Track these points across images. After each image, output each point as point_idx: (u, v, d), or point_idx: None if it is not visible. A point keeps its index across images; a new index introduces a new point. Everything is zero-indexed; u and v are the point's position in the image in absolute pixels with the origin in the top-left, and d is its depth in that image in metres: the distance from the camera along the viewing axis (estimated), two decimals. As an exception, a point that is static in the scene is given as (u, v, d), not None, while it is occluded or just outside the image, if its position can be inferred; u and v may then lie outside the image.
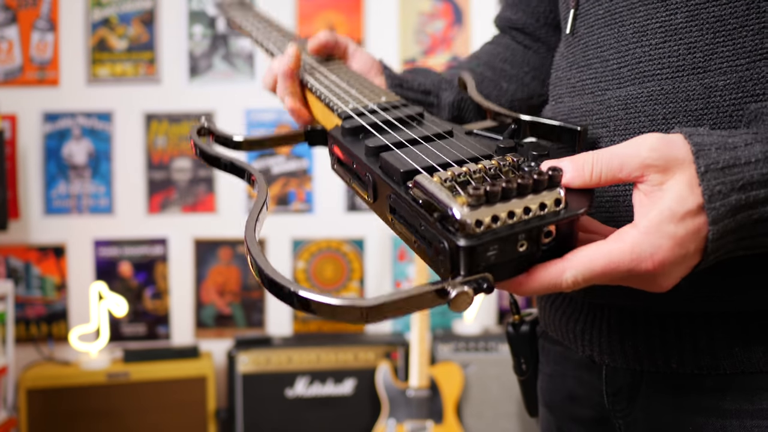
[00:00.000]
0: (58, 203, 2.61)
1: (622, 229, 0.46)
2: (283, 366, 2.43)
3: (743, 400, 0.57)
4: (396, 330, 2.74)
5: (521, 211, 0.44)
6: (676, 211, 0.45)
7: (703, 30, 0.56)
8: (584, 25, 0.66)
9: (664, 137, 0.47)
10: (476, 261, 0.43)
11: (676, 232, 0.45)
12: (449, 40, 2.76)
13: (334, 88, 0.71)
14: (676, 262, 0.45)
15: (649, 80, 0.59)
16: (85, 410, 2.31)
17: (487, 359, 2.43)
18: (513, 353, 0.80)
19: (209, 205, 2.68)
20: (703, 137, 0.47)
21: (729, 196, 0.45)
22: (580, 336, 0.67)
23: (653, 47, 0.59)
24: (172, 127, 2.65)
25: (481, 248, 0.42)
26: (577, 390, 0.72)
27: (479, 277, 0.43)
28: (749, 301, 0.56)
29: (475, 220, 0.42)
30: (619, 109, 0.61)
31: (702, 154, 0.46)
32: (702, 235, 0.46)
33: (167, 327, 2.66)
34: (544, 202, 0.44)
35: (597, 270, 0.45)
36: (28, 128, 2.59)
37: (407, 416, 2.33)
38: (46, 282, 2.60)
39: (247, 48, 2.68)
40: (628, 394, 0.65)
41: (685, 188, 0.45)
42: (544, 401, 0.79)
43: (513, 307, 0.80)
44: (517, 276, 0.46)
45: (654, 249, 0.45)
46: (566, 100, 0.68)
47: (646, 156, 0.46)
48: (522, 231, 0.43)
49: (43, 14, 2.58)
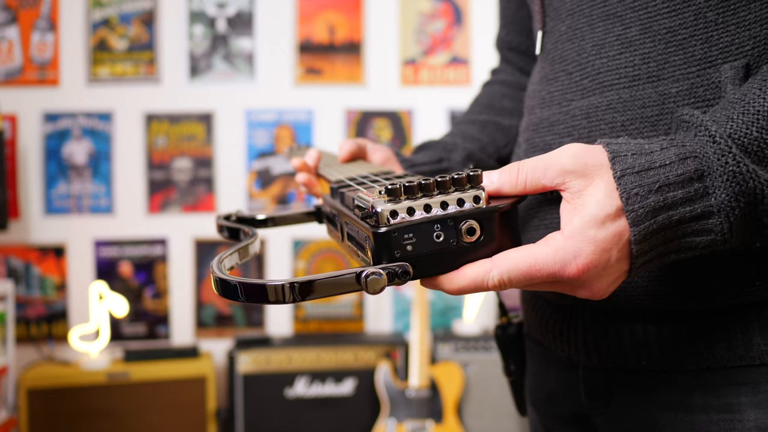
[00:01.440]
0: (58, 203, 2.61)
1: (549, 235, 0.48)
2: (283, 366, 2.43)
3: (710, 395, 0.59)
4: (396, 330, 2.74)
5: (438, 205, 0.47)
6: (597, 216, 0.46)
7: (655, 41, 0.59)
8: (550, 42, 0.70)
9: (585, 147, 0.49)
10: (391, 247, 0.46)
11: (597, 236, 0.46)
12: (449, 40, 2.76)
13: (336, 169, 0.76)
14: (600, 265, 0.47)
15: (608, 90, 0.62)
16: (85, 410, 2.31)
17: (487, 359, 2.44)
18: (502, 354, 0.83)
19: (209, 205, 2.68)
20: (620, 145, 0.49)
21: (647, 198, 0.47)
22: (558, 336, 0.70)
23: (611, 59, 0.62)
24: (172, 127, 2.66)
25: (394, 235, 0.45)
26: (558, 389, 0.75)
27: (397, 265, 0.46)
28: (711, 300, 0.58)
29: (390, 211, 0.46)
30: (582, 118, 0.64)
31: (618, 159, 0.48)
32: (625, 238, 0.47)
33: (167, 327, 2.66)
34: (463, 198, 0.47)
35: (521, 271, 0.47)
36: (29, 128, 2.59)
37: (407, 416, 2.33)
38: (46, 282, 2.60)
39: (247, 48, 2.68)
40: (604, 392, 0.67)
41: (604, 193, 0.47)
42: (530, 400, 0.82)
43: (500, 309, 0.83)
44: (448, 273, 0.48)
45: (576, 252, 0.46)
46: (537, 112, 0.71)
47: (566, 163, 0.48)
48: (436, 222, 0.46)
49: (43, 14, 2.59)
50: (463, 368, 2.40)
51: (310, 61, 2.71)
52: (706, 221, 0.48)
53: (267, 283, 0.44)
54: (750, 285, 0.56)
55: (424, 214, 0.47)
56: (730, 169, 0.47)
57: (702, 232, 0.48)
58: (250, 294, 0.45)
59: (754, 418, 0.57)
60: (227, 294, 0.46)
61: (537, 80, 0.73)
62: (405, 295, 2.74)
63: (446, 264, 0.48)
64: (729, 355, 0.58)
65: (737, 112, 0.49)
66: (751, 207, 0.48)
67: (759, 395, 0.57)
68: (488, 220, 0.48)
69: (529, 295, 0.78)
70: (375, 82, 2.74)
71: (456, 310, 2.75)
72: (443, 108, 2.75)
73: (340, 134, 2.73)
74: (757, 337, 0.57)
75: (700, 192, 0.47)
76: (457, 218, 0.47)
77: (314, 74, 2.72)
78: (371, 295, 0.45)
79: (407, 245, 0.46)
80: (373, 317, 2.75)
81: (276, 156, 2.71)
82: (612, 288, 0.49)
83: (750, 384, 0.58)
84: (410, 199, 0.47)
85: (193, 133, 2.67)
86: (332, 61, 2.72)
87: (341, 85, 2.72)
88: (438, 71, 2.75)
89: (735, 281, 0.57)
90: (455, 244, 0.47)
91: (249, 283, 0.45)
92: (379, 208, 0.46)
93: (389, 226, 0.46)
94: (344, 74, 2.72)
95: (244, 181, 2.70)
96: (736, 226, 0.48)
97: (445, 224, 0.47)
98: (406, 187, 0.47)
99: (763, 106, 0.49)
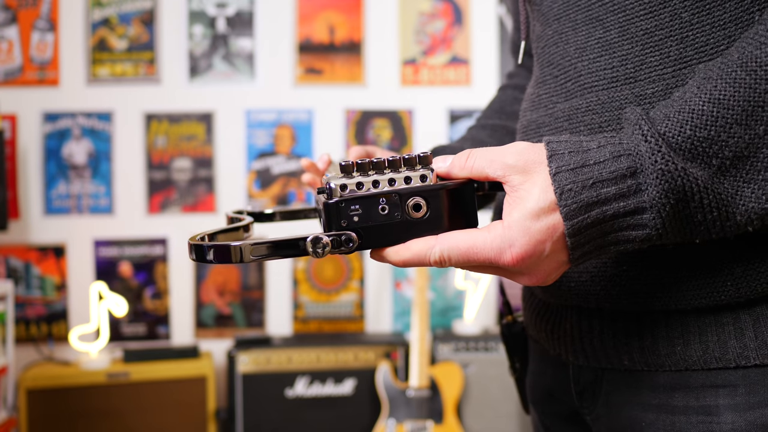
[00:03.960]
0: (58, 203, 2.61)
1: (492, 223, 0.51)
2: (283, 366, 2.43)
3: (690, 397, 0.60)
4: (396, 330, 2.74)
5: (386, 182, 0.51)
6: (532, 209, 0.50)
7: (633, 43, 0.60)
8: (540, 46, 0.71)
9: (529, 145, 0.52)
10: (337, 217, 0.51)
11: (531, 227, 0.49)
12: (449, 40, 2.76)
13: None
14: (535, 255, 0.50)
15: (588, 92, 0.63)
16: (85, 410, 2.31)
17: (487, 359, 2.44)
18: (507, 353, 0.85)
19: (209, 205, 2.68)
20: (560, 143, 0.52)
21: (580, 194, 0.49)
22: (551, 335, 0.72)
23: (591, 61, 0.63)
24: (172, 127, 2.65)
25: (341, 206, 0.51)
26: (555, 387, 0.76)
27: (342, 233, 0.51)
28: (686, 299, 0.59)
29: (340, 184, 0.51)
30: (564, 120, 0.66)
31: (555, 157, 0.50)
32: (559, 231, 0.50)
33: (167, 327, 2.66)
34: (410, 176, 0.52)
35: (461, 250, 0.50)
36: (28, 128, 2.59)
37: (407, 416, 2.33)
38: (46, 282, 2.60)
39: (247, 48, 2.68)
40: (592, 391, 0.69)
41: (541, 189, 0.50)
42: (530, 399, 0.83)
43: (506, 307, 0.84)
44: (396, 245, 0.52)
45: (512, 242, 0.50)
46: (527, 114, 0.73)
47: (509, 158, 0.51)
48: (381, 196, 0.51)
49: (43, 14, 2.58)
50: (463, 368, 2.40)
51: (310, 61, 2.71)
52: (640, 216, 0.50)
53: (231, 244, 0.50)
54: (721, 285, 0.58)
55: (372, 189, 0.51)
56: (659, 167, 0.48)
57: (637, 226, 0.50)
58: (217, 254, 0.50)
59: (731, 421, 0.58)
60: (200, 257, 0.51)
61: (531, 83, 0.75)
62: (405, 295, 2.74)
63: (394, 237, 0.52)
64: (705, 357, 0.59)
65: (674, 111, 0.51)
66: (683, 204, 0.49)
67: (736, 398, 0.58)
68: (434, 198, 0.51)
69: (527, 294, 0.79)
70: (375, 82, 2.74)
71: (456, 310, 2.75)
72: (443, 108, 2.75)
73: (340, 134, 2.73)
74: (733, 340, 0.58)
75: (633, 188, 0.49)
76: (402, 194, 0.51)
77: (314, 74, 2.71)
78: (315, 258, 0.49)
79: (353, 216, 0.51)
80: (373, 317, 2.75)
81: (276, 156, 2.71)
82: (553, 276, 0.52)
83: (728, 387, 0.58)
84: (363, 176, 0.51)
85: (193, 133, 2.67)
86: (332, 61, 2.72)
87: (341, 85, 2.72)
88: (438, 71, 2.75)
89: (706, 281, 0.58)
90: (399, 218, 0.51)
91: (217, 245, 0.51)
92: (332, 183, 0.51)
93: (337, 198, 0.51)
94: (344, 74, 2.72)
95: (244, 181, 2.70)
96: (668, 221, 0.50)
97: (390, 199, 0.51)
98: (359, 165, 0.51)
99: (697, 104, 0.50)
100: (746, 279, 0.57)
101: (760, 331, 0.58)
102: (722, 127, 0.50)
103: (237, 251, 0.50)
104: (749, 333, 0.58)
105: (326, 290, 2.73)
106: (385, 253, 0.52)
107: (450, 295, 2.75)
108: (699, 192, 0.49)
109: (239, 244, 0.50)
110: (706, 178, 0.49)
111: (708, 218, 0.50)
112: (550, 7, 0.69)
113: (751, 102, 0.49)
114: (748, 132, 0.49)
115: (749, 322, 0.58)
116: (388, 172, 0.52)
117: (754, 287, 0.57)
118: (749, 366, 0.58)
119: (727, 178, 0.50)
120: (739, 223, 0.51)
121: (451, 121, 2.75)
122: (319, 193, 0.53)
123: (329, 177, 0.52)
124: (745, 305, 0.58)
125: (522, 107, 0.76)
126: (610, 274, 0.62)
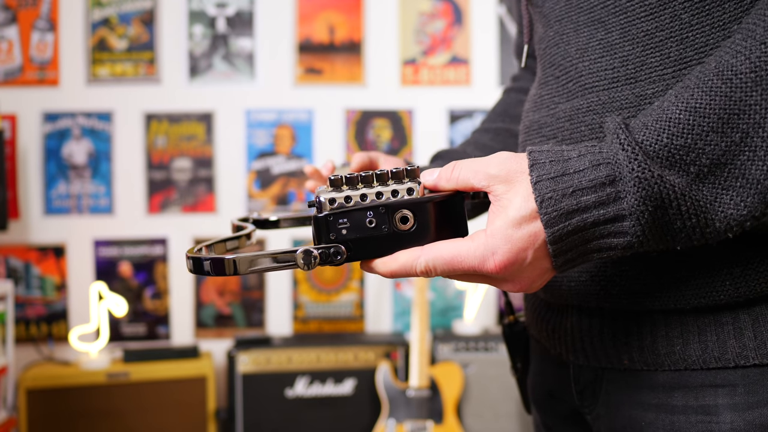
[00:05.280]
0: (58, 203, 2.61)
1: (476, 232, 0.52)
2: (283, 366, 2.43)
3: (690, 397, 0.60)
4: (396, 330, 2.74)
5: (374, 195, 0.52)
6: (514, 217, 0.50)
7: (634, 44, 0.61)
8: (542, 47, 0.72)
9: (512, 155, 0.53)
10: (326, 230, 0.52)
11: (513, 236, 0.50)
12: (449, 40, 2.76)
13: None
14: (517, 263, 0.51)
15: (589, 92, 0.64)
16: (85, 410, 2.31)
17: (487, 359, 2.43)
18: (509, 353, 0.85)
19: (209, 205, 2.68)
20: (542, 153, 0.52)
21: (560, 202, 0.50)
22: (552, 335, 0.72)
23: (592, 62, 0.64)
24: (172, 127, 2.65)
25: (330, 220, 0.52)
26: (556, 387, 0.76)
27: (331, 245, 0.52)
28: (686, 299, 0.59)
29: (329, 198, 0.52)
30: (565, 120, 0.66)
31: (536, 167, 0.51)
32: (541, 239, 0.51)
33: (167, 327, 2.66)
34: (397, 189, 0.52)
35: (445, 260, 0.51)
36: (28, 128, 2.59)
37: (407, 416, 2.33)
38: (46, 282, 2.60)
39: (247, 48, 2.68)
40: (592, 390, 0.69)
41: (522, 198, 0.51)
42: (532, 399, 0.84)
43: (508, 307, 0.85)
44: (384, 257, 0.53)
45: (494, 250, 0.50)
46: (530, 115, 0.74)
47: (493, 169, 0.52)
48: (368, 209, 0.52)
49: (43, 14, 2.58)
50: (463, 368, 2.40)
51: (309, 61, 2.71)
52: (620, 224, 0.50)
53: (225, 257, 0.52)
54: (720, 285, 0.58)
55: (360, 202, 0.52)
56: (635, 175, 0.49)
57: (618, 234, 0.51)
58: (213, 267, 0.52)
59: (730, 420, 0.58)
60: (197, 269, 0.53)
61: (534, 85, 0.75)
62: (405, 295, 2.74)
63: (382, 249, 0.53)
64: (704, 356, 0.59)
65: (652, 119, 0.52)
66: (661, 211, 0.50)
67: (735, 398, 0.58)
68: (421, 210, 0.52)
69: (529, 294, 0.79)
70: (375, 82, 2.74)
71: (456, 311, 2.75)
72: (443, 108, 2.75)
73: (340, 134, 2.73)
74: (732, 339, 0.58)
75: (613, 196, 0.50)
76: (389, 207, 0.52)
77: (314, 74, 2.71)
78: (305, 271, 0.51)
79: (342, 229, 0.52)
80: (373, 317, 2.75)
81: (276, 156, 2.71)
82: (538, 283, 0.53)
83: (727, 386, 0.59)
84: (351, 189, 0.52)
85: (192, 133, 2.67)
86: (332, 60, 2.72)
87: (341, 85, 2.72)
88: (438, 71, 2.75)
89: (706, 281, 0.58)
90: (387, 230, 0.52)
91: (213, 258, 0.52)
92: (321, 197, 0.52)
93: (326, 212, 0.52)
94: (344, 74, 2.72)
95: (244, 181, 2.70)
96: (648, 228, 0.50)
97: (377, 212, 0.52)
98: (347, 179, 0.52)
99: (674, 113, 0.51)
100: (745, 279, 0.57)
101: (759, 331, 0.58)
102: (699, 135, 0.50)
103: (231, 264, 0.51)
104: (748, 333, 0.58)
105: (326, 290, 2.73)
106: (373, 265, 0.53)
107: (450, 295, 2.75)
108: (677, 199, 0.50)
109: (233, 258, 0.51)
110: (683, 185, 0.50)
111: (687, 225, 0.51)
112: (552, 8, 0.69)
113: (726, 110, 0.50)
114: (725, 139, 0.50)
115: (748, 322, 0.58)
116: (377, 185, 0.52)
117: (753, 287, 0.57)
118: (748, 366, 0.58)
119: (705, 185, 0.50)
120: (719, 229, 0.51)
121: (451, 121, 2.75)
122: (309, 206, 0.55)
123: (319, 191, 0.53)
124: (744, 305, 0.58)
125: (524, 108, 0.77)
126: (610, 274, 0.62)
